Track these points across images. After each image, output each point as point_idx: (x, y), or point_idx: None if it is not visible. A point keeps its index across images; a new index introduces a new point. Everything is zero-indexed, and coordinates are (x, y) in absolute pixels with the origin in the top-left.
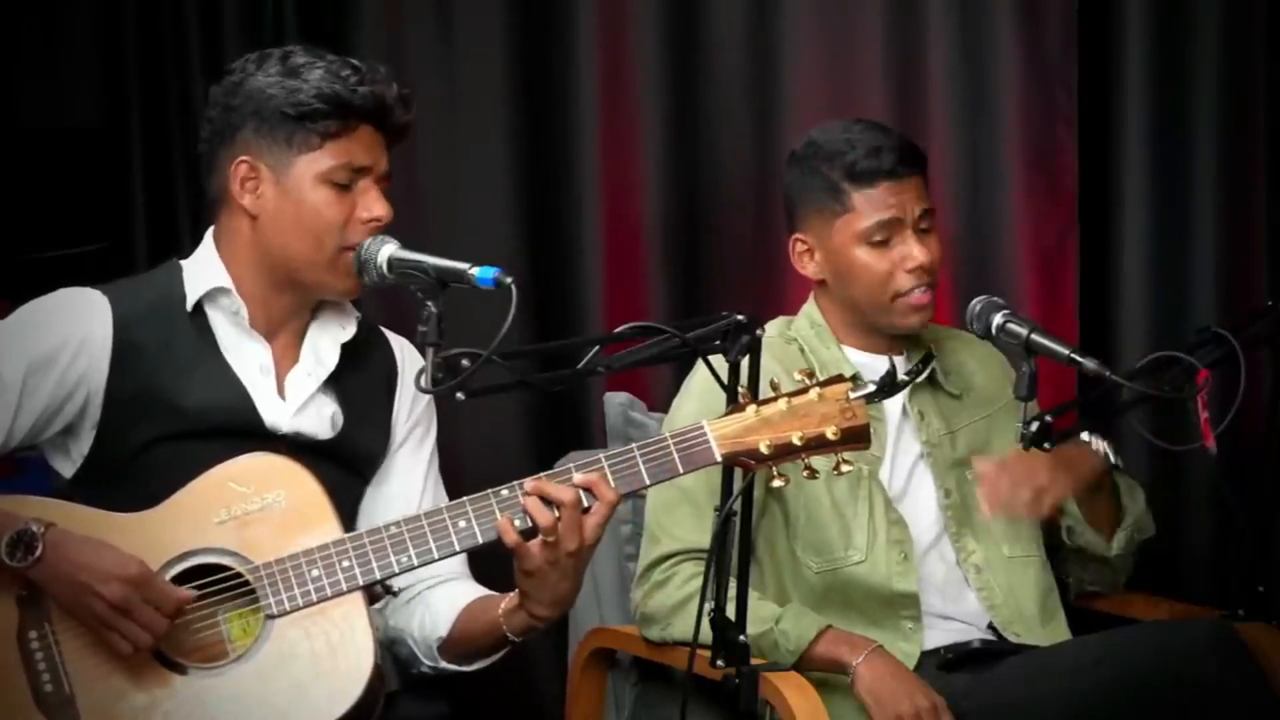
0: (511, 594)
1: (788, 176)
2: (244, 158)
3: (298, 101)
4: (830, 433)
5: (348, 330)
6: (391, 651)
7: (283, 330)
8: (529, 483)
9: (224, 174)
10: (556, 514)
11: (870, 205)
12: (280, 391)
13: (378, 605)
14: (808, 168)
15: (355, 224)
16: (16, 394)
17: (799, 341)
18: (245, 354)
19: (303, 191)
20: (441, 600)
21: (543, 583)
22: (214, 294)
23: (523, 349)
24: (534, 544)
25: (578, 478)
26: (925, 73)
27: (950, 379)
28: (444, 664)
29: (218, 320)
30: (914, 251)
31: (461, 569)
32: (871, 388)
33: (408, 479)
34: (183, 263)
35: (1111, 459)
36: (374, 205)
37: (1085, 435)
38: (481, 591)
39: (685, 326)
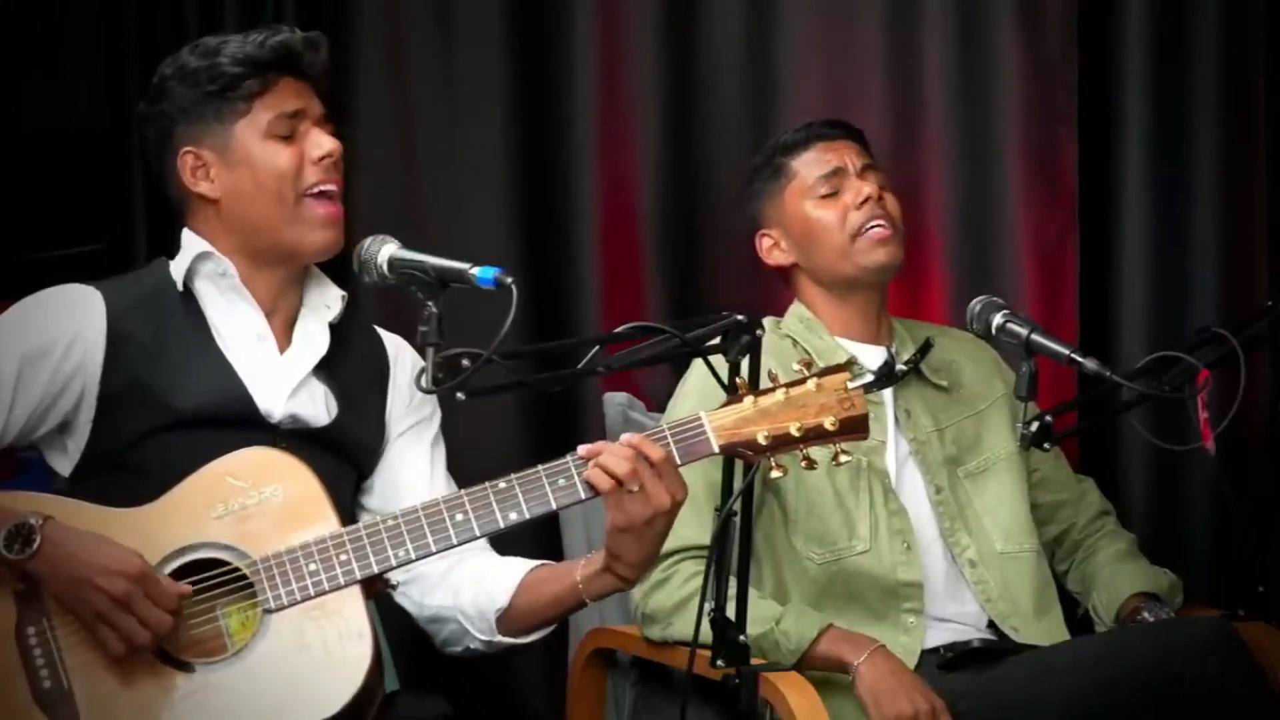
0: (589, 558)
1: (745, 196)
2: (186, 149)
3: (215, 75)
4: (828, 423)
5: (333, 309)
6: (429, 630)
7: (275, 315)
8: (625, 438)
9: (175, 175)
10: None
11: (809, 165)
12: (280, 351)
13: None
14: (755, 173)
15: (308, 166)
16: (10, 388)
17: (792, 336)
18: (239, 325)
19: (250, 155)
20: (494, 572)
21: (637, 540)
22: (197, 265)
23: (523, 349)
24: (624, 497)
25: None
26: (925, 73)
27: (939, 374)
28: (499, 637)
29: (208, 295)
30: (862, 188)
31: (483, 541)
32: (869, 377)
33: (413, 471)
34: (171, 261)
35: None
36: (321, 142)
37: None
38: (527, 563)
39: (685, 326)
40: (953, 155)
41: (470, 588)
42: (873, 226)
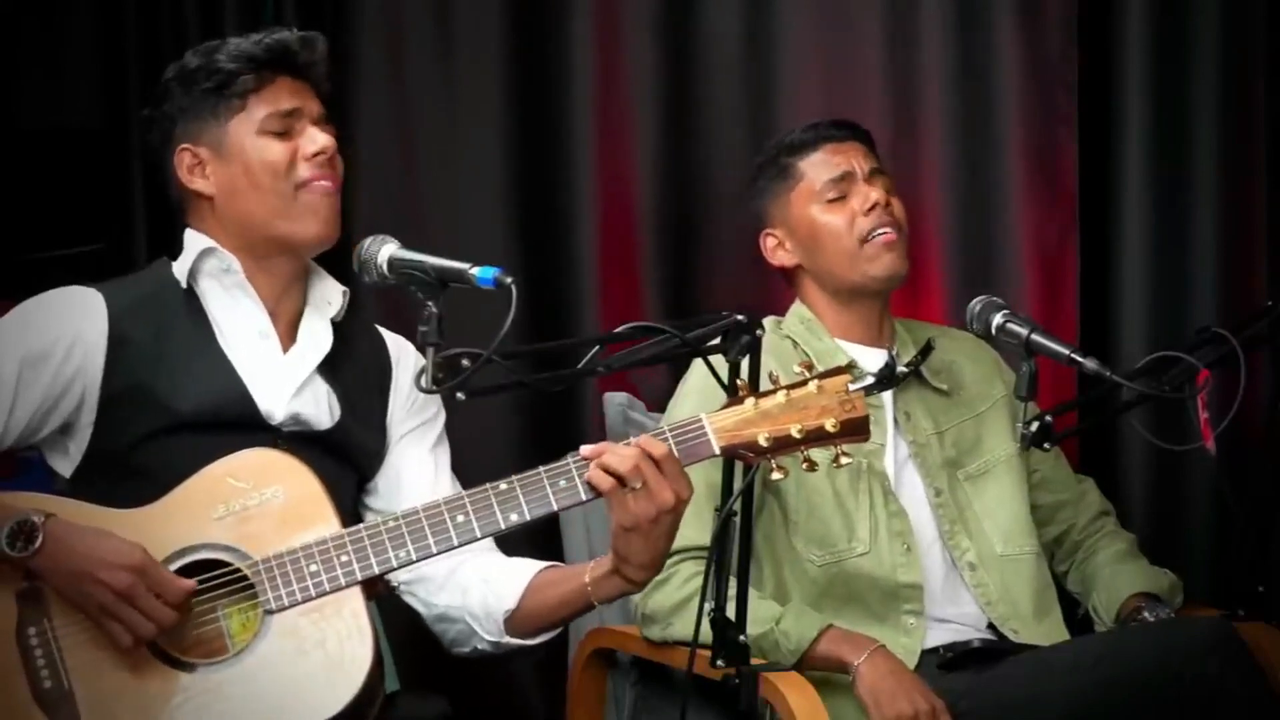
0: (599, 560)
1: (748, 193)
2: (183, 146)
3: (212, 72)
4: (829, 425)
5: (335, 304)
6: (436, 630)
7: (279, 314)
8: (642, 438)
9: (173, 173)
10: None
11: (817, 168)
12: (284, 350)
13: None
14: (760, 170)
15: (301, 161)
16: (11, 390)
17: (792, 337)
18: (242, 322)
19: (243, 150)
20: (502, 573)
21: (644, 539)
22: (202, 262)
23: (523, 349)
24: (628, 496)
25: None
26: (925, 73)
27: (939, 376)
28: (508, 638)
29: (211, 293)
30: (870, 194)
31: (488, 541)
32: (870, 379)
33: (415, 474)
34: (173, 262)
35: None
36: (315, 138)
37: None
38: (535, 564)
39: (685, 326)
40: (953, 155)
41: (478, 588)
42: (880, 232)
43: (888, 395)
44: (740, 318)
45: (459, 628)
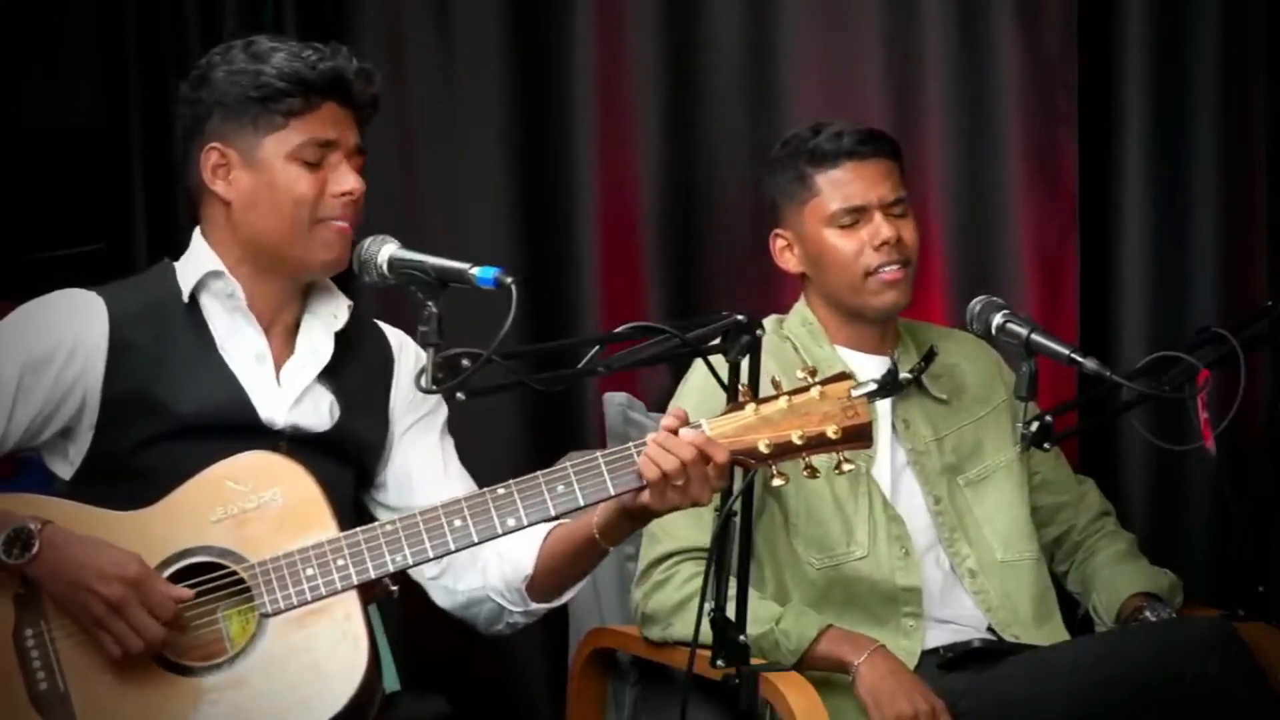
0: (603, 508)
1: (766, 178)
2: (213, 144)
3: (260, 83)
4: (831, 431)
5: (340, 318)
6: (467, 616)
7: (276, 324)
8: (700, 438)
9: (196, 166)
10: (680, 463)
11: (834, 187)
12: (277, 380)
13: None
14: (780, 164)
15: (327, 198)
16: (11, 395)
17: (792, 340)
18: (241, 344)
19: (273, 171)
20: (514, 543)
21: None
22: (207, 280)
23: (523, 349)
24: (667, 489)
25: (695, 436)
26: (925, 73)
27: (939, 383)
28: (533, 604)
29: (213, 310)
30: (881, 229)
31: None
32: (874, 385)
33: (423, 465)
34: (175, 263)
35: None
36: (345, 179)
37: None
38: (544, 526)
39: (685, 326)
40: (953, 156)
41: (495, 563)
42: (886, 269)
43: (885, 402)
44: (740, 318)
45: (488, 608)
